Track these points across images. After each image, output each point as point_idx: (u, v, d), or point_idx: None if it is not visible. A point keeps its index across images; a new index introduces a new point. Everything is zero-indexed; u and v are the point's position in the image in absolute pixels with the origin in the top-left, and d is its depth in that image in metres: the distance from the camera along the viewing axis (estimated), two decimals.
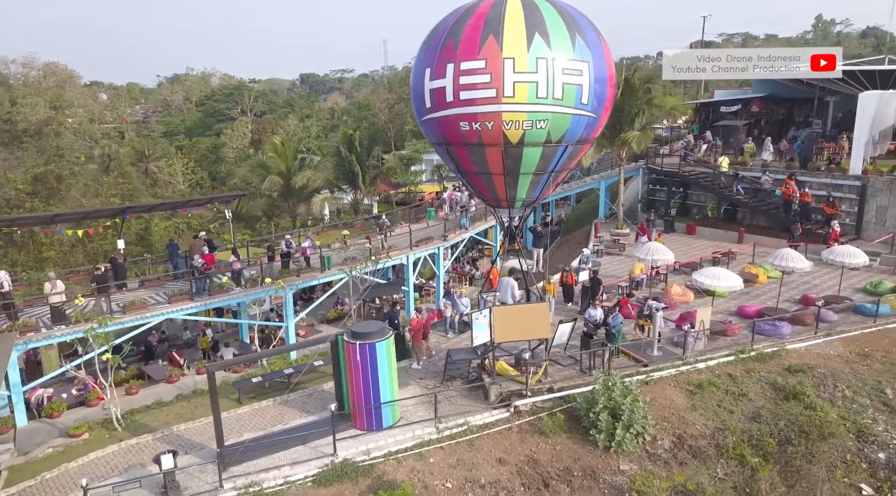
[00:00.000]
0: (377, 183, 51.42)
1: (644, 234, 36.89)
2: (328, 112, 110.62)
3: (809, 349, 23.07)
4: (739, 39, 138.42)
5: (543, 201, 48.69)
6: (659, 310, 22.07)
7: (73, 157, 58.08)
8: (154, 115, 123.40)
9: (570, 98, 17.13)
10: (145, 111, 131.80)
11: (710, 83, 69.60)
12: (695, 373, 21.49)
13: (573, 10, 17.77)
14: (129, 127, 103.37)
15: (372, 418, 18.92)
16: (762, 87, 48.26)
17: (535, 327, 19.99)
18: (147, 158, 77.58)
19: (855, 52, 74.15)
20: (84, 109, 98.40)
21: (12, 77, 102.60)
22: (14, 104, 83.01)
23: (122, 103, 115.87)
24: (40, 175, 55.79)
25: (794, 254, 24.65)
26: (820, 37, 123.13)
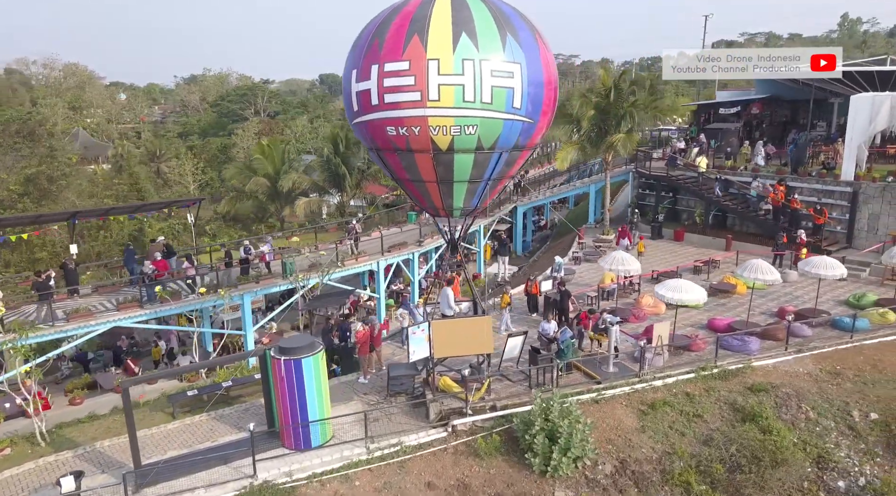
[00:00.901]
0: (364, 185, 50.51)
1: (625, 238, 35.84)
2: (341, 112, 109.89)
3: (777, 366, 21.88)
4: (763, 39, 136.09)
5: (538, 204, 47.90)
6: (614, 324, 20.97)
7: (65, 158, 57.72)
8: (171, 116, 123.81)
9: (501, 102, 16.12)
10: (163, 111, 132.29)
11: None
12: (650, 391, 20.39)
13: (508, 9, 16.76)
14: (145, 127, 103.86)
15: (300, 437, 18.01)
16: (765, 88, 46.86)
17: (477, 341, 19.05)
18: (158, 158, 77.56)
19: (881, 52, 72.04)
20: (103, 110, 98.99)
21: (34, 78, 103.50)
22: (35, 104, 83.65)
23: (139, 104, 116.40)
24: (32, 176, 55.59)
25: (765, 266, 23.46)
26: (846, 36, 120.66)
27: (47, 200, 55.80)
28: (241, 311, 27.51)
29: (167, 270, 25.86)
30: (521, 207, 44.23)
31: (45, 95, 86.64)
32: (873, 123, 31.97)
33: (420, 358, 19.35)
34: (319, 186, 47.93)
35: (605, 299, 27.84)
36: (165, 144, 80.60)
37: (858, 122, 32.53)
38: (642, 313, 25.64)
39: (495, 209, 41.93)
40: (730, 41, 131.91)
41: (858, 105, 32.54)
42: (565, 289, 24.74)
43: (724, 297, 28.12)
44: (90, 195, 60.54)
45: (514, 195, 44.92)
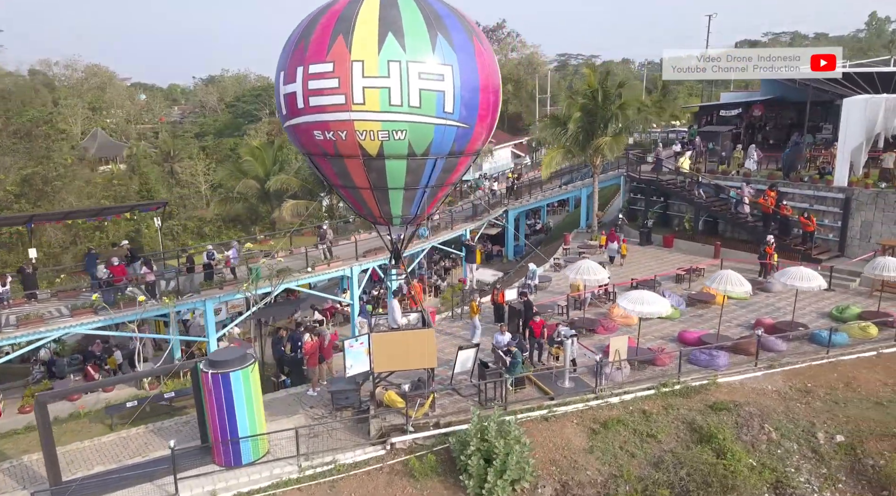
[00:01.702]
0: None
1: (613, 241, 34.93)
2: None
3: (745, 383, 20.84)
4: (787, 38, 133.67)
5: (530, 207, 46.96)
6: (570, 337, 20.03)
7: (62, 160, 57.67)
8: (190, 116, 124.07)
9: (430, 106, 15.29)
10: (182, 112, 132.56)
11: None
12: (606, 408, 19.44)
13: (443, 9, 15.90)
14: (163, 127, 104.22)
15: (230, 453, 17.32)
16: (770, 89, 45.66)
17: (420, 355, 18.22)
18: (172, 159, 77.57)
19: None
20: (122, 110, 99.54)
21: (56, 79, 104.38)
22: (56, 105, 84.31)
23: (157, 104, 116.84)
24: (28, 177, 55.60)
25: (734, 277, 22.38)
26: (874, 35, 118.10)
27: (43, 201, 55.79)
28: (205, 317, 26.90)
29: (124, 276, 25.22)
30: (512, 211, 43.35)
31: (66, 96, 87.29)
32: (867, 127, 30.66)
33: (358, 372, 18.53)
34: (309, 188, 47.26)
35: (576, 309, 26.88)
36: (181, 145, 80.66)
37: (851, 125, 31.28)
38: (612, 324, 24.67)
39: (484, 213, 41.18)
40: (753, 41, 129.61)
41: (851, 108, 31.29)
42: (528, 300, 23.82)
43: (703, 308, 27.07)
44: (88, 196, 60.51)
45: (505, 198, 44.13)
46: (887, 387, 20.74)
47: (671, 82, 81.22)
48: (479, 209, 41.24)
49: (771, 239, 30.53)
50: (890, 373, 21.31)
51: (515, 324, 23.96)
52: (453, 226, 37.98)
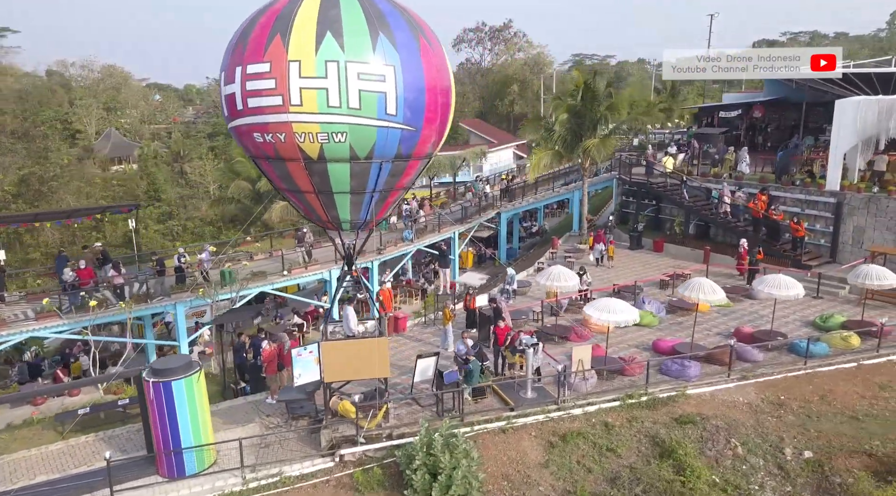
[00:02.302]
0: None
1: (600, 242, 34.36)
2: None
3: (715, 394, 20.14)
4: (806, 38, 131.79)
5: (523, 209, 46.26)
6: (531, 345, 19.41)
7: (58, 160, 57.70)
8: (203, 116, 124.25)
9: (371, 108, 14.75)
10: (196, 112, 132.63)
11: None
12: (567, 420, 18.82)
13: (387, 7, 15.35)
14: (176, 127, 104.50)
15: (173, 464, 16.84)
16: (773, 89, 44.76)
17: (372, 365, 17.66)
18: (182, 159, 77.62)
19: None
20: (137, 110, 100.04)
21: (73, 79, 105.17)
22: (72, 105, 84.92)
23: (171, 104, 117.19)
24: (25, 177, 55.67)
25: (707, 285, 21.67)
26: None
27: (41, 201, 55.85)
28: (175, 321, 26.51)
29: (91, 279, 24.85)
30: (504, 213, 42.66)
31: (81, 96, 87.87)
32: (860, 130, 29.79)
33: (307, 382, 18.01)
34: None
35: (553, 315, 26.26)
36: (192, 145, 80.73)
37: (843, 128, 30.41)
38: (586, 332, 24.01)
39: (474, 215, 40.57)
40: (771, 41, 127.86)
41: (843, 110, 30.41)
42: (497, 307, 23.21)
43: (684, 316, 26.33)
44: (88, 196, 60.53)
45: (498, 200, 43.47)
46: (864, 400, 20.00)
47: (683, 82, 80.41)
48: (470, 211, 40.59)
49: (744, 243, 29.85)
50: (868, 386, 20.55)
51: (486, 331, 23.34)
52: (440, 228, 37.34)
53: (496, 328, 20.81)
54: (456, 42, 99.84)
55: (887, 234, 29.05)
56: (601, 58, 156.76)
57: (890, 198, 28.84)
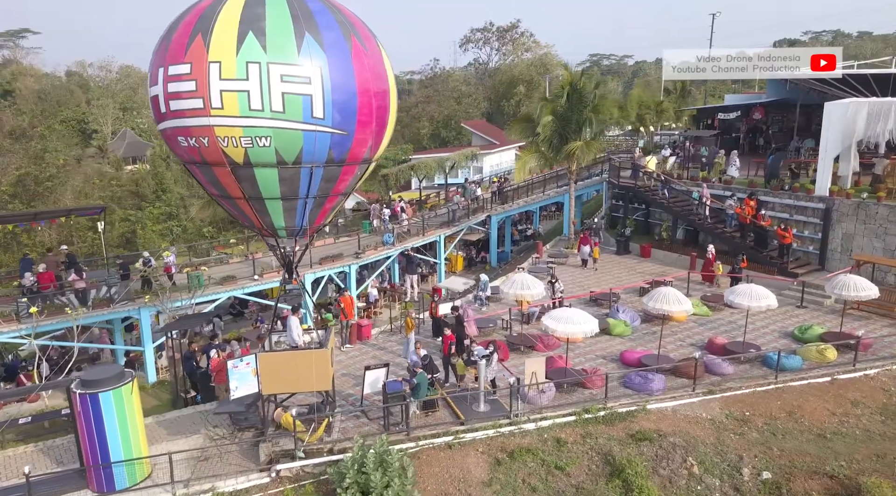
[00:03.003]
0: None
1: (585, 244, 33.70)
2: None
3: (678, 410, 19.34)
4: (829, 37, 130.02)
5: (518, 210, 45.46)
6: (483, 357, 18.71)
7: (54, 160, 57.62)
8: None
9: (296, 111, 14.13)
10: None
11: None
12: (518, 436, 18.09)
13: (318, 6, 14.71)
14: None
15: (102, 478, 16.31)
16: (775, 90, 43.75)
17: (312, 377, 17.04)
18: None
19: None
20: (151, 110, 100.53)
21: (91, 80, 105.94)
22: (89, 105, 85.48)
23: None
24: (21, 177, 55.64)
25: (672, 295, 20.84)
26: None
27: (37, 202, 55.79)
28: (140, 327, 26.06)
29: (52, 282, 24.43)
30: (494, 217, 41.93)
31: (98, 96, 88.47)
32: (849, 133, 28.83)
33: (245, 395, 17.40)
34: None
35: (525, 323, 25.53)
36: None
37: (832, 131, 29.43)
38: (553, 341, 23.23)
39: (463, 218, 39.91)
40: (792, 40, 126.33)
41: (831, 112, 29.44)
42: (459, 315, 22.51)
43: (659, 325, 25.37)
44: (86, 196, 60.47)
45: (488, 203, 42.74)
46: (834, 417, 19.14)
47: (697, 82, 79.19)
48: (458, 215, 39.92)
49: (711, 248, 29.05)
50: (840, 403, 19.68)
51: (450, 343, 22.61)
52: (425, 232, 36.71)
53: (443, 337, 20.10)
54: (463, 42, 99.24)
55: (876, 242, 28.06)
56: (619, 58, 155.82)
57: (879, 204, 27.79)
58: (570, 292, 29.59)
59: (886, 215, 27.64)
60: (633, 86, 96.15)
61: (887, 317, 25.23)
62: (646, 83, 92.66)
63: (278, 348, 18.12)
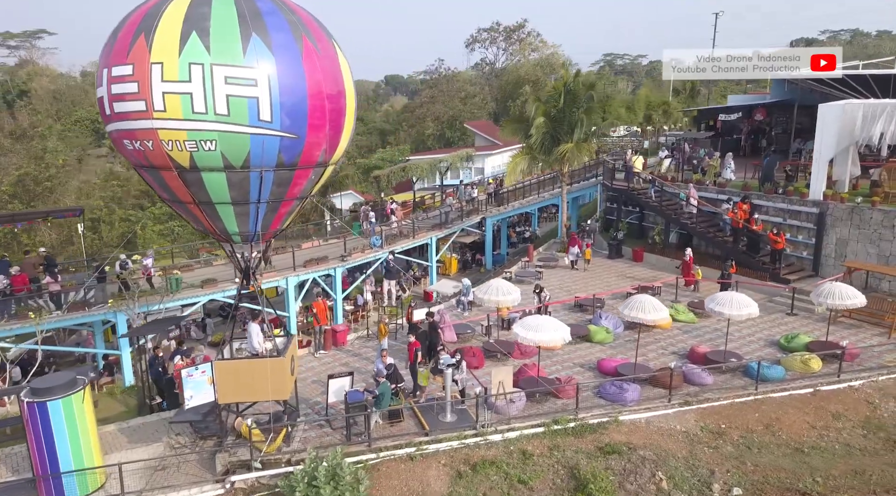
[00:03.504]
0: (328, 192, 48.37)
1: (574, 246, 33.22)
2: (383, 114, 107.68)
3: (651, 421, 18.78)
4: (847, 36, 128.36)
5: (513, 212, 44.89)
6: (448, 365, 18.21)
7: (54, 160, 57.65)
8: None
9: (241, 114, 13.69)
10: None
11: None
12: (484, 447, 17.59)
13: (266, 5, 14.24)
14: None
15: (51, 488, 15.94)
16: (780, 91, 42.89)
17: (270, 386, 16.60)
18: None
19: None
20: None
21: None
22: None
23: None
24: (20, 177, 55.71)
25: (648, 303, 20.24)
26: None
27: (37, 202, 55.82)
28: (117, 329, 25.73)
29: (25, 285, 24.15)
30: (490, 219, 41.36)
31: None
32: (844, 135, 28.12)
33: (200, 404, 16.99)
34: None
35: (505, 329, 25.02)
36: None
37: (826, 133, 28.73)
38: (531, 348, 22.58)
39: (456, 220, 39.41)
40: (810, 39, 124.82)
41: (826, 114, 28.72)
42: (432, 321, 22.03)
43: (643, 332, 24.77)
44: (88, 195, 60.43)
45: (483, 205, 42.18)
46: (814, 431, 18.53)
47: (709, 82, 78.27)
48: (451, 216, 39.41)
49: (689, 251, 28.47)
50: (820, 415, 19.06)
51: (424, 347, 22.14)
52: (415, 234, 36.24)
53: (408, 344, 19.62)
54: (469, 42, 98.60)
55: (870, 248, 27.33)
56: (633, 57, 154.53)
57: (873, 209, 27.07)
58: (556, 297, 29.08)
59: (881, 220, 26.91)
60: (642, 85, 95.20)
61: (879, 326, 24.46)
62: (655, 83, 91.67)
63: (239, 356, 17.66)
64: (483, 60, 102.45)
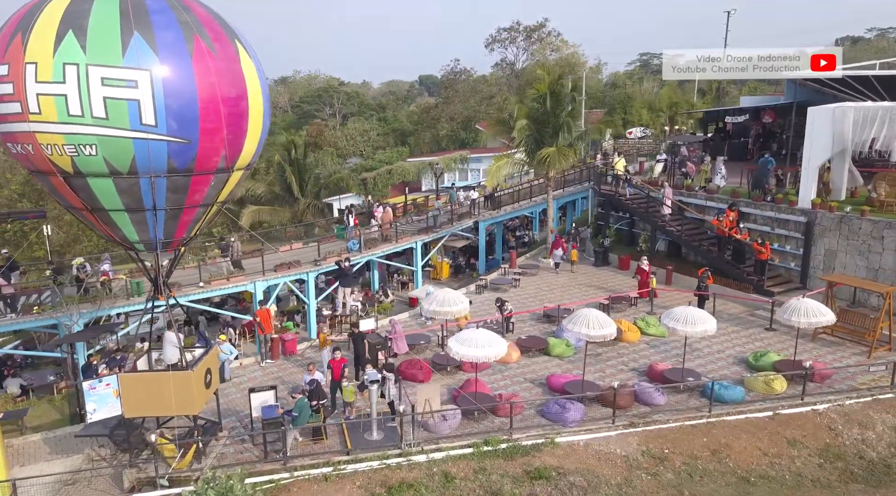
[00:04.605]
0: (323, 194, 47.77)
1: (558, 248, 32.34)
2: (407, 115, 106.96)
3: (590, 444, 17.68)
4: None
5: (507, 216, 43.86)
6: (373, 382, 17.35)
7: None
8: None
9: (122, 117, 12.99)
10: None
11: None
12: (405, 468, 16.66)
13: (157, 3, 13.51)
14: None
15: None
16: (793, 92, 41.23)
17: (172, 401, 15.91)
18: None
19: None
20: None
21: None
22: None
23: None
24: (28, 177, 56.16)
25: (594, 317, 19.13)
26: None
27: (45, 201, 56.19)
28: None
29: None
30: (482, 223, 40.40)
31: None
32: (835, 140, 26.67)
33: (107, 417, 16.35)
34: (278, 195, 45.54)
35: None
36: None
37: (816, 138, 27.30)
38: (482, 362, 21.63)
39: (445, 224, 38.53)
40: (856, 38, 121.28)
41: (815, 118, 27.29)
42: (358, 333, 21.18)
43: (608, 345, 23.79)
44: None
45: (476, 209, 41.19)
46: (765, 458, 17.33)
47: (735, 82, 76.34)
48: (439, 220, 38.54)
49: (645, 261, 27.24)
50: (775, 441, 17.81)
51: (374, 358, 21.30)
52: (398, 238, 35.43)
53: (331, 361, 18.78)
54: (489, 42, 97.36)
55: (859, 260, 25.84)
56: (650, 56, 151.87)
57: (862, 218, 25.58)
58: (528, 306, 28.13)
59: (870, 231, 25.40)
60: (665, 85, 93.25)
61: (861, 344, 23.01)
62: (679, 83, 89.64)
63: (157, 367, 16.99)
64: (503, 60, 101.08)
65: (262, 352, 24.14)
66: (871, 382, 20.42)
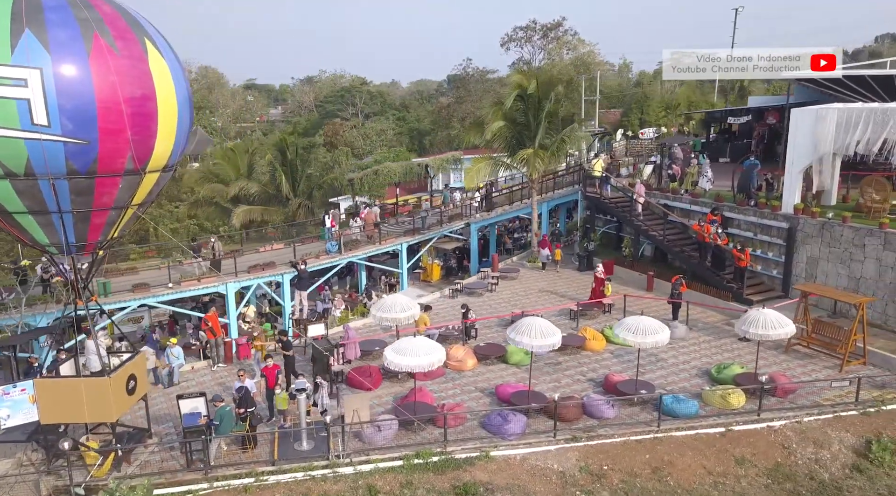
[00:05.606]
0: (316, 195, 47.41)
1: (544, 248, 32.89)
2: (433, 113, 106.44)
3: (527, 458, 17.02)
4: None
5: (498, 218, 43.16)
6: (300, 390, 16.86)
7: None
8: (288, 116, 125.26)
9: (10, 117, 12.64)
10: (284, 111, 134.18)
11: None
12: (330, 481, 16.16)
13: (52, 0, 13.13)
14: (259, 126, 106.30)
15: None
16: (803, 93, 40.12)
17: (91, 407, 15.57)
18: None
19: None
20: (230, 110, 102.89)
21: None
22: None
23: (257, 104, 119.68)
24: None
25: (537, 327, 18.46)
26: None
27: None
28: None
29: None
30: (474, 224, 39.72)
31: None
32: (818, 144, 25.63)
33: (25, 423, 16.04)
34: (272, 194, 45.31)
35: None
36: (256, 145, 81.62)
37: (799, 141, 26.29)
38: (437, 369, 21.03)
39: (434, 226, 37.96)
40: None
41: (798, 121, 26.29)
42: (286, 340, 20.71)
43: (570, 354, 23.09)
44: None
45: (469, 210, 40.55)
46: (709, 477, 16.54)
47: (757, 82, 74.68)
48: (427, 222, 37.99)
49: (599, 267, 26.45)
50: (722, 460, 17.01)
51: (322, 367, 20.84)
52: (381, 240, 34.91)
53: (264, 368, 18.30)
54: (504, 41, 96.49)
55: (841, 268, 24.81)
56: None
57: (844, 225, 24.55)
58: (499, 311, 27.51)
59: (851, 238, 24.37)
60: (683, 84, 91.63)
61: (834, 357, 22.04)
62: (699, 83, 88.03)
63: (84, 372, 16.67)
64: (520, 60, 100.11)
65: (213, 356, 23.76)
66: (835, 398, 19.49)
